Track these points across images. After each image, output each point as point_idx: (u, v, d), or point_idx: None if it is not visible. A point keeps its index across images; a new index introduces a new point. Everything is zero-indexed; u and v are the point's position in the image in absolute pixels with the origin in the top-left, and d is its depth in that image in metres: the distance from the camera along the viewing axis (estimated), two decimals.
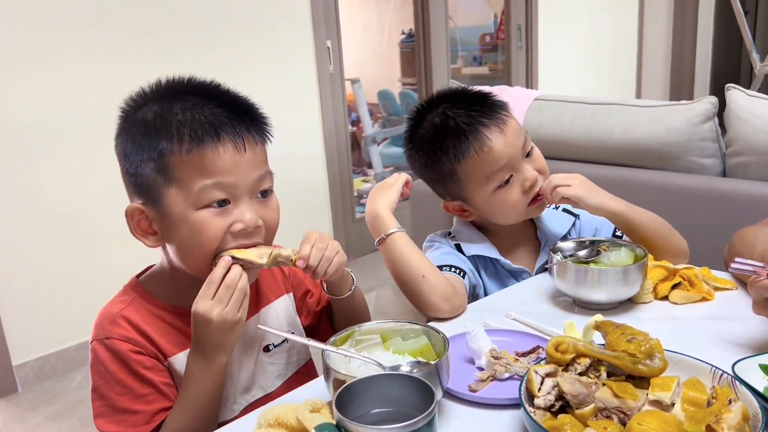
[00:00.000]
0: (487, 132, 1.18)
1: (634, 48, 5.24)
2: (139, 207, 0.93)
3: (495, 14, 5.47)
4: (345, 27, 3.51)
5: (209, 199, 0.90)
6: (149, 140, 0.90)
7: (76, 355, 2.58)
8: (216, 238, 0.91)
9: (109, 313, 0.96)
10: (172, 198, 0.91)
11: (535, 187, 1.22)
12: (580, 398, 0.73)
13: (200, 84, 0.96)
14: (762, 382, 0.79)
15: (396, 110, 5.28)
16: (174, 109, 0.91)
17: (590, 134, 1.99)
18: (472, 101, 1.23)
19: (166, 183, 0.90)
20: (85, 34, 2.44)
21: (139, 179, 0.92)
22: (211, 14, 2.78)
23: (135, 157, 0.91)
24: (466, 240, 1.30)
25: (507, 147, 1.19)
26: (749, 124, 1.75)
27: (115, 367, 0.93)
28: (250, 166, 0.93)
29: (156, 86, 0.95)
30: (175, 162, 0.89)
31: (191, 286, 0.93)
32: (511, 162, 1.19)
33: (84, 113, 2.47)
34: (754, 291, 0.89)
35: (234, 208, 0.92)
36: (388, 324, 0.92)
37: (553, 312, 1.10)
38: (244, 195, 0.93)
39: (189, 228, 0.91)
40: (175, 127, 0.89)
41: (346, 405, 0.71)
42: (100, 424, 0.93)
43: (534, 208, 1.25)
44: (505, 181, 1.20)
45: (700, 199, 1.79)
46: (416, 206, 2.52)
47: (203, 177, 0.89)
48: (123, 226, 0.96)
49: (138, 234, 0.96)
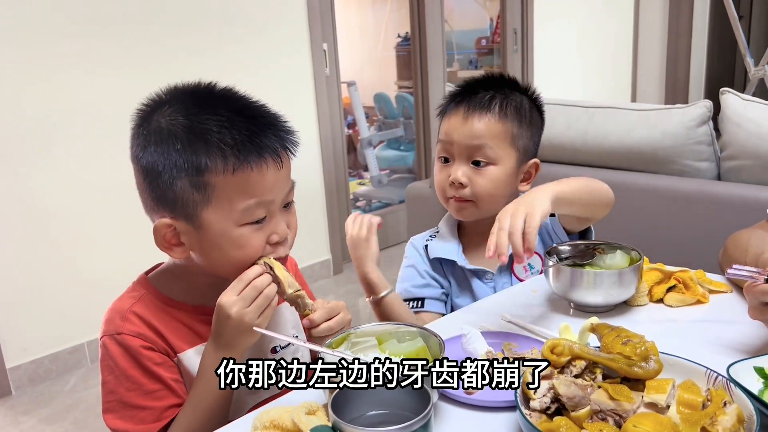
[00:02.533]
0: None
1: (630, 52, 5.26)
2: (168, 222, 0.93)
3: (491, 18, 5.48)
4: (341, 30, 3.51)
5: (251, 218, 0.92)
6: (185, 155, 0.89)
7: (70, 358, 2.57)
8: (260, 251, 0.94)
9: (119, 308, 0.96)
10: (212, 215, 0.91)
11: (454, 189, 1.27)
12: (575, 400, 0.73)
13: (226, 93, 0.95)
14: (757, 385, 0.79)
15: (392, 113, 5.29)
16: (206, 124, 0.89)
17: (586, 138, 2.00)
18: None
19: (205, 200, 0.90)
20: (78, 37, 2.44)
21: (170, 194, 0.91)
22: (207, 17, 2.78)
23: (166, 172, 0.89)
24: (438, 238, 1.35)
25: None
26: (743, 128, 1.76)
27: (125, 362, 0.93)
28: (285, 180, 0.96)
29: (172, 92, 0.94)
30: (217, 181, 0.89)
31: (209, 286, 0.96)
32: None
33: (79, 116, 2.46)
34: (751, 296, 0.89)
35: (269, 220, 0.95)
36: (384, 326, 0.92)
37: (549, 314, 1.10)
38: (278, 208, 0.96)
39: (230, 242, 0.92)
40: (216, 146, 0.88)
41: (342, 407, 0.71)
42: (109, 419, 0.93)
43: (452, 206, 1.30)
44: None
45: (695, 202, 1.80)
46: (412, 207, 2.53)
47: (247, 197, 0.91)
48: (117, 230, 0.96)
49: (164, 247, 0.95)
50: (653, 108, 1.93)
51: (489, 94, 1.25)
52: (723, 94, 1.85)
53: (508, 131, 1.24)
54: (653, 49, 5.31)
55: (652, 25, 5.26)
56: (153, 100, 0.94)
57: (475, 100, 1.24)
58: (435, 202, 1.37)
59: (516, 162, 1.26)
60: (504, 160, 1.24)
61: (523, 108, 1.27)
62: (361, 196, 4.76)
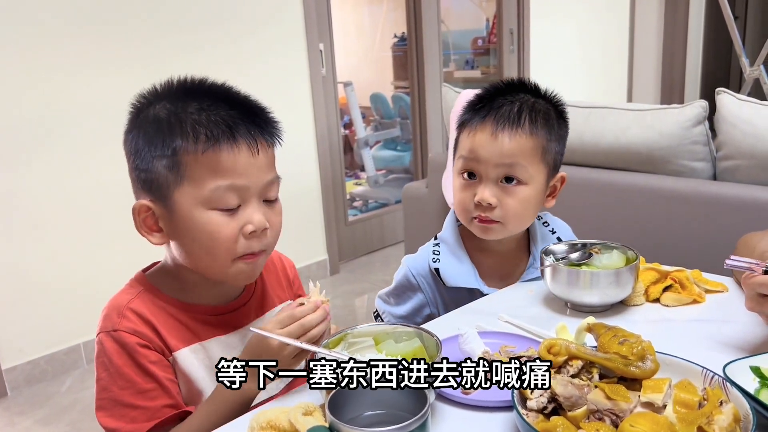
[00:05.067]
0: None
1: (626, 52, 5.27)
2: (147, 204, 0.93)
3: (487, 18, 5.49)
4: (337, 30, 3.51)
5: (221, 203, 0.91)
6: (162, 137, 0.90)
7: (66, 359, 2.56)
8: (230, 240, 0.92)
9: (117, 305, 0.96)
10: (183, 196, 0.91)
11: (480, 209, 1.17)
12: (572, 400, 0.73)
13: (214, 85, 0.96)
14: (753, 384, 0.79)
15: (388, 113, 5.29)
16: (189, 108, 0.91)
17: (582, 138, 2.00)
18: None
19: (178, 181, 0.91)
20: (74, 37, 2.43)
21: (149, 175, 0.92)
22: (203, 17, 2.78)
23: (146, 153, 0.92)
24: (446, 258, 1.24)
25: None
26: (739, 128, 1.77)
27: (120, 359, 0.92)
28: (261, 169, 0.94)
29: (167, 85, 0.95)
30: (189, 160, 0.90)
31: (196, 284, 0.96)
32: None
33: (75, 115, 2.45)
34: (748, 287, 0.89)
35: (243, 210, 0.93)
36: (381, 326, 0.92)
37: (546, 314, 1.10)
38: (254, 197, 0.94)
39: (199, 227, 0.92)
40: (191, 126, 0.90)
41: (339, 408, 0.71)
42: (101, 416, 0.93)
43: (473, 225, 1.20)
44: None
45: (691, 202, 1.80)
46: (408, 208, 2.53)
47: (217, 177, 0.90)
48: (114, 230, 0.96)
49: (143, 231, 0.96)
50: (649, 108, 1.94)
51: (516, 106, 1.15)
52: (719, 95, 1.86)
53: (539, 146, 1.15)
54: (649, 49, 5.32)
55: (648, 25, 5.27)
56: (148, 92, 0.95)
57: (502, 113, 1.14)
58: (431, 202, 1.35)
59: (545, 178, 1.19)
60: (535, 178, 1.16)
61: (551, 118, 1.18)
62: (357, 197, 4.76)
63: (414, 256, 1.28)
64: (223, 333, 1.01)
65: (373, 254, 3.75)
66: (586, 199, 1.97)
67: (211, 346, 1.00)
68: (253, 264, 0.97)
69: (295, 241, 3.18)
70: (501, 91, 1.19)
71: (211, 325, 1.00)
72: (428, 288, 1.25)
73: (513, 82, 1.20)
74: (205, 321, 1.00)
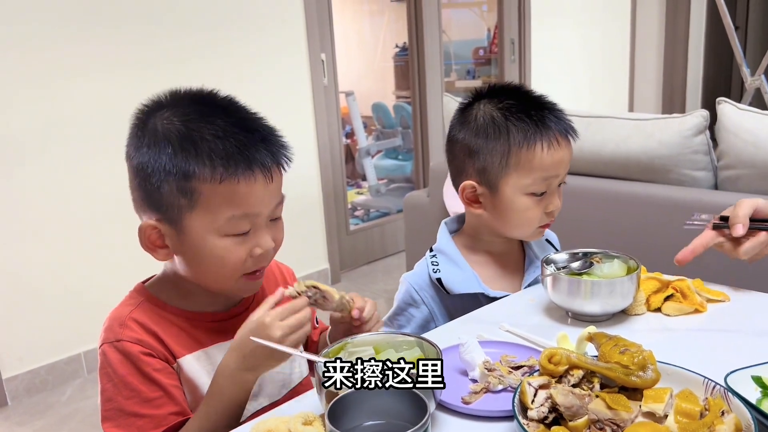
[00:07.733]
0: (557, 136, 1.17)
1: (626, 62, 5.28)
2: (153, 224, 0.93)
3: (488, 28, 5.52)
4: (339, 40, 3.53)
5: (234, 230, 0.92)
6: (175, 160, 0.89)
7: (66, 368, 2.56)
8: (240, 263, 0.94)
9: (118, 316, 0.97)
10: (195, 221, 0.92)
11: (551, 216, 1.22)
12: (573, 410, 0.73)
13: (224, 101, 0.96)
14: (754, 394, 0.79)
15: (390, 123, 5.30)
16: (202, 132, 0.90)
17: (582, 147, 2.00)
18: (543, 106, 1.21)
19: (190, 206, 0.91)
20: (74, 40, 2.44)
21: (157, 196, 0.92)
22: (205, 26, 2.79)
23: (154, 172, 0.90)
24: (445, 266, 1.24)
25: (561, 164, 1.19)
26: (740, 138, 1.77)
27: (124, 369, 0.92)
28: (273, 195, 0.95)
29: (173, 95, 0.95)
30: (204, 189, 0.90)
31: (197, 293, 0.98)
32: (553, 181, 1.19)
33: (71, 123, 2.46)
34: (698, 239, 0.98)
35: (253, 233, 0.94)
36: (382, 335, 0.91)
37: (547, 324, 1.10)
38: (263, 221, 0.95)
39: (211, 252, 0.93)
40: (207, 155, 0.89)
41: (339, 417, 0.70)
42: (107, 427, 0.93)
43: (537, 232, 1.24)
44: (540, 193, 1.19)
45: (692, 212, 1.80)
46: (410, 217, 2.53)
47: (232, 208, 0.91)
48: (114, 239, 0.96)
49: (148, 248, 0.96)
50: (650, 117, 1.94)
51: (553, 116, 1.19)
52: (720, 104, 1.86)
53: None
54: (650, 59, 5.34)
55: (648, 35, 5.29)
56: (153, 102, 0.95)
57: (547, 124, 1.17)
58: (433, 211, 1.36)
59: None
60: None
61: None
62: (359, 206, 4.77)
63: (412, 272, 1.29)
64: (224, 339, 1.01)
65: (375, 263, 3.75)
66: (588, 208, 1.97)
67: (214, 353, 1.00)
68: (256, 279, 0.99)
69: (296, 250, 3.18)
70: (531, 105, 1.20)
71: (212, 331, 1.01)
72: (431, 301, 1.25)
73: (507, 86, 1.23)
74: (207, 328, 1.01)
